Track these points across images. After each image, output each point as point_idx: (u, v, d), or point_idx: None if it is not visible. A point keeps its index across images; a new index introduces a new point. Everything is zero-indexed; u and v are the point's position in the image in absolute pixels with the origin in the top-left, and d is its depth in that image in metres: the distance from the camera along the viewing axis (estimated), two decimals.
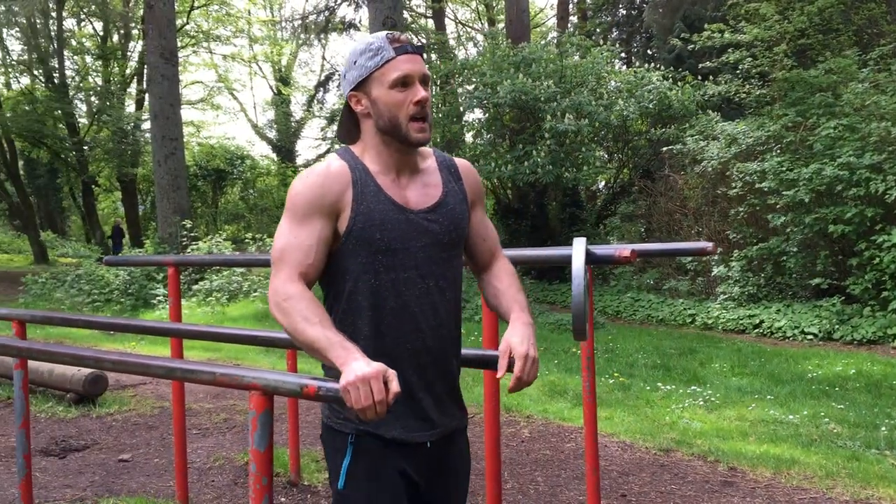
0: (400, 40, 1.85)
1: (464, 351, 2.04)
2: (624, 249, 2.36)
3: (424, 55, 1.91)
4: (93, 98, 28.68)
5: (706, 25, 14.15)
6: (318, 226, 1.82)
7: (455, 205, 1.94)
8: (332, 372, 1.70)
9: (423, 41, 25.53)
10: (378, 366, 1.60)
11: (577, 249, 2.29)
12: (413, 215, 1.87)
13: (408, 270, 1.85)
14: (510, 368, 1.80)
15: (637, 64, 21.59)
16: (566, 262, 2.47)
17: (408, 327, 1.84)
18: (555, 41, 18.61)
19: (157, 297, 13.37)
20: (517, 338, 1.82)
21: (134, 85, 29.11)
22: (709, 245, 2.71)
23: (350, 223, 1.83)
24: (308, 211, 1.82)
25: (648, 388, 6.92)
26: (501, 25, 21.73)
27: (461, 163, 2.04)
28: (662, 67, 17.13)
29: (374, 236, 1.82)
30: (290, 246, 1.81)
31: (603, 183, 18.06)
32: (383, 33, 1.87)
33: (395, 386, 1.60)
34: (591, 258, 2.36)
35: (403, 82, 1.83)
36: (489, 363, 2.09)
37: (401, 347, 1.84)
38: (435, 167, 1.98)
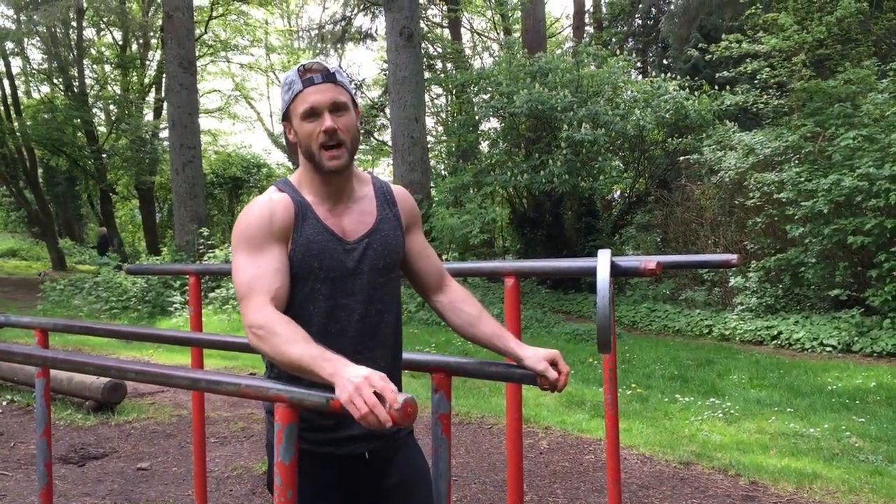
0: (311, 70, 1.87)
1: (490, 364, 2.07)
2: (650, 262, 2.33)
3: (340, 78, 1.90)
4: (111, 107, 28.95)
5: (723, 35, 14.12)
6: (276, 251, 1.85)
7: (389, 231, 1.99)
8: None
9: (440, 50, 25.59)
10: (373, 370, 1.56)
11: (603, 262, 2.27)
12: (349, 245, 1.92)
13: (346, 297, 1.90)
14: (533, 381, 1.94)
15: (653, 74, 21.58)
16: (588, 274, 2.45)
17: (349, 350, 1.83)
18: (571, 51, 18.64)
19: (174, 305, 13.43)
20: (549, 352, 1.93)
21: (152, 94, 29.32)
22: (734, 257, 2.69)
23: (291, 254, 1.87)
24: (262, 240, 1.85)
25: (666, 399, 6.87)
26: (517, 35, 21.73)
27: (396, 189, 2.09)
28: (678, 77, 17.10)
29: (314, 265, 1.87)
30: (255, 276, 1.82)
31: (619, 192, 18.02)
32: (298, 65, 1.90)
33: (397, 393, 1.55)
34: (615, 270, 2.34)
35: (311, 113, 1.86)
36: (513, 377, 2.09)
37: None
38: (372, 195, 2.02)
